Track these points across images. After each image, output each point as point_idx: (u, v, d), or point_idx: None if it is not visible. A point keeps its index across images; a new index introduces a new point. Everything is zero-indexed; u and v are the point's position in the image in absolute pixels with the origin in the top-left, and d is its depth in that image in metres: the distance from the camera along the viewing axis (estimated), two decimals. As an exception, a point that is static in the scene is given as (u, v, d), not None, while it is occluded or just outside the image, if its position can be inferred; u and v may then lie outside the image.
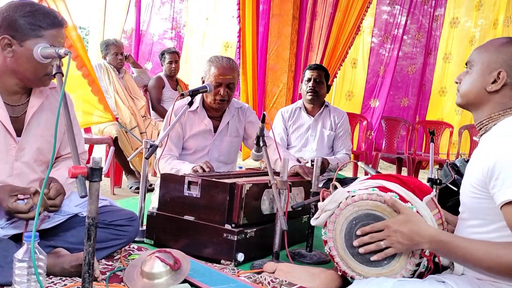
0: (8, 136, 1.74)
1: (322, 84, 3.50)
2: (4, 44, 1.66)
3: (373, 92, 6.36)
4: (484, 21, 6.05)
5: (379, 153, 5.77)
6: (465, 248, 1.33)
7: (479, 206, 1.39)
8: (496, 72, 1.43)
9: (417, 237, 1.41)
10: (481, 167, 1.35)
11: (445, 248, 1.38)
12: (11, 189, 1.64)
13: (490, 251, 1.29)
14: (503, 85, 1.42)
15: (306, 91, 3.47)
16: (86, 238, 1.25)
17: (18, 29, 1.64)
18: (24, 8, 1.67)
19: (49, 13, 1.70)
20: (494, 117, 1.44)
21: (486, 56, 1.46)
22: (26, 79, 1.74)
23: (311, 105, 3.54)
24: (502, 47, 1.45)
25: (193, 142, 2.79)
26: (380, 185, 1.59)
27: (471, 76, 1.49)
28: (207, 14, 6.67)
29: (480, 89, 1.46)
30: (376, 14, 6.34)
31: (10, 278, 1.44)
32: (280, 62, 5.18)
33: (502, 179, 1.28)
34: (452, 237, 1.40)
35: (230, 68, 2.69)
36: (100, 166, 1.23)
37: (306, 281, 1.77)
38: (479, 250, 1.30)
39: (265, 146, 2.18)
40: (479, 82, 1.46)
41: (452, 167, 3.70)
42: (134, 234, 2.02)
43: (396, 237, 1.45)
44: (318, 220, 1.66)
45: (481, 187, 1.36)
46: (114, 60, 4.47)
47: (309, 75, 3.47)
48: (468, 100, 1.50)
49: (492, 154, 1.32)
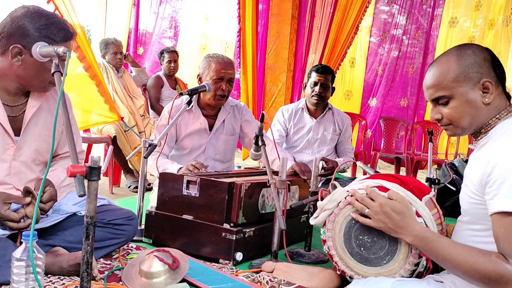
0: (6, 136, 1.75)
1: (329, 88, 3.44)
2: (14, 53, 1.67)
3: (371, 92, 6.37)
4: (483, 21, 6.05)
5: (378, 153, 5.77)
6: (447, 249, 1.35)
7: (479, 212, 1.39)
8: (480, 84, 1.40)
9: (402, 230, 1.45)
10: (478, 174, 1.34)
11: (427, 246, 1.40)
12: (6, 196, 1.64)
13: (469, 257, 1.30)
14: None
15: (312, 95, 3.40)
16: (85, 237, 1.25)
17: (30, 40, 1.65)
18: (40, 20, 1.67)
19: (63, 27, 1.71)
20: (492, 123, 1.43)
21: (455, 77, 1.41)
22: (30, 85, 1.77)
23: (314, 108, 3.50)
24: (462, 61, 1.41)
25: (188, 141, 2.79)
26: (379, 185, 1.59)
27: (457, 103, 1.42)
28: (206, 13, 6.67)
29: (477, 106, 1.41)
30: (374, 13, 6.34)
31: (8, 277, 1.44)
32: (279, 61, 5.18)
33: (495, 189, 1.28)
34: (437, 236, 1.41)
35: (230, 64, 2.72)
36: (98, 165, 1.23)
37: (304, 280, 1.77)
38: (460, 254, 1.32)
39: (264, 145, 2.18)
40: (471, 101, 1.41)
41: (451, 167, 3.71)
42: (133, 233, 2.02)
43: (383, 218, 1.47)
44: (317, 219, 1.66)
45: (480, 193, 1.36)
46: (113, 59, 4.47)
47: (316, 79, 3.38)
48: (466, 125, 1.44)
49: (488, 163, 1.31)
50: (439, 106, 1.47)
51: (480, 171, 1.33)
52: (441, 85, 1.43)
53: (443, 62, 1.46)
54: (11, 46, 1.66)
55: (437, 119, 1.48)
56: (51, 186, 1.74)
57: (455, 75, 1.41)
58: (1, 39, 1.69)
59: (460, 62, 1.42)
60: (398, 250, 1.52)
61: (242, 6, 4.84)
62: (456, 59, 1.43)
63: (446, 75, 1.42)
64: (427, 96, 1.50)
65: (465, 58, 1.42)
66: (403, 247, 1.51)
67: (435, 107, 1.48)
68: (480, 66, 1.41)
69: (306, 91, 3.48)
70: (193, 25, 6.73)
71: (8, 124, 1.74)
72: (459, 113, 1.43)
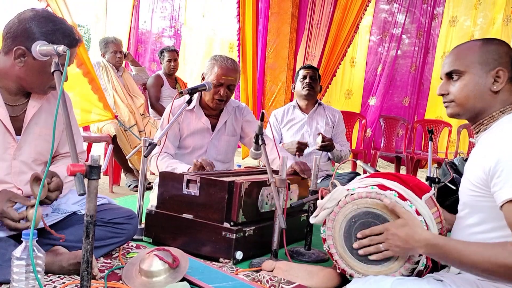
0: (7, 135, 1.75)
1: (317, 81, 3.62)
2: (18, 54, 1.67)
3: (371, 91, 6.36)
4: (483, 20, 6.05)
5: (378, 152, 5.77)
6: (461, 250, 1.32)
7: (479, 205, 1.39)
8: (494, 72, 1.44)
9: (412, 241, 1.42)
10: (482, 166, 1.35)
11: (440, 252, 1.37)
12: (13, 195, 1.64)
13: (485, 252, 1.27)
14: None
15: (302, 87, 3.56)
16: (85, 236, 1.25)
17: (35, 44, 1.65)
18: (47, 25, 1.67)
19: (69, 34, 1.71)
20: (495, 115, 1.45)
21: (475, 58, 1.46)
22: (30, 87, 1.77)
23: (306, 102, 3.62)
24: (485, 47, 1.47)
25: (190, 141, 2.79)
26: (379, 183, 1.59)
27: (467, 82, 1.47)
28: (205, 12, 6.67)
29: (484, 91, 1.45)
30: (374, 12, 6.34)
31: (8, 276, 1.44)
32: (279, 60, 5.18)
33: (504, 178, 1.28)
34: (447, 240, 1.39)
35: (233, 70, 2.70)
36: (98, 164, 1.23)
37: (304, 279, 1.77)
38: (475, 252, 1.29)
39: (264, 144, 2.18)
40: (480, 85, 1.45)
41: (451, 166, 3.70)
42: (133, 232, 2.02)
43: (394, 241, 1.46)
44: (317, 218, 1.66)
45: (482, 185, 1.36)
46: (113, 58, 4.47)
47: (304, 73, 3.59)
48: (469, 106, 1.48)
49: (494, 153, 1.31)
50: (450, 82, 1.51)
51: (485, 163, 1.33)
52: (459, 59, 1.49)
53: (468, 44, 1.53)
54: (15, 47, 1.66)
55: (442, 94, 1.53)
56: (58, 177, 1.74)
57: (476, 56, 1.47)
58: (6, 39, 1.69)
59: (483, 47, 1.48)
60: None
61: (241, 5, 4.84)
62: (481, 44, 1.49)
63: (467, 53, 1.49)
64: (442, 70, 1.55)
65: (489, 45, 1.48)
66: None
67: (446, 82, 1.53)
68: (500, 56, 1.46)
69: (296, 88, 3.64)
70: (192, 24, 6.72)
71: (10, 123, 1.74)
72: (466, 92, 1.47)
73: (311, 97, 3.59)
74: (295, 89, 3.67)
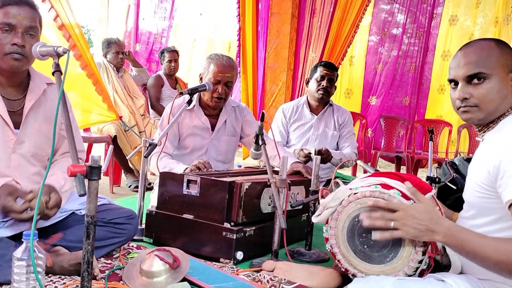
0: (6, 128, 1.77)
1: (334, 84, 3.44)
2: None
3: (371, 91, 6.36)
4: (483, 19, 6.04)
5: (378, 152, 5.77)
6: (476, 242, 1.33)
7: (487, 206, 1.39)
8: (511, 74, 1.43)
9: (435, 225, 1.37)
10: (487, 166, 1.34)
11: (457, 241, 1.35)
12: (13, 190, 1.66)
13: (499, 246, 1.29)
14: None
15: (317, 89, 3.38)
16: (85, 236, 1.25)
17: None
18: None
19: None
20: (507, 113, 1.43)
21: (497, 60, 1.42)
22: None
23: (317, 104, 3.49)
24: (501, 49, 1.44)
25: (190, 141, 2.79)
26: (382, 183, 1.58)
27: (494, 85, 1.41)
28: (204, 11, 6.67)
29: (505, 96, 1.42)
30: (374, 12, 6.33)
31: (9, 276, 1.44)
32: (279, 60, 5.18)
33: (508, 178, 1.28)
34: (464, 230, 1.38)
35: (229, 67, 2.69)
36: (99, 165, 1.23)
37: (305, 279, 1.77)
38: (490, 245, 1.30)
39: (264, 144, 2.18)
40: (503, 88, 1.42)
41: (451, 165, 3.69)
42: (133, 233, 2.02)
43: (411, 222, 1.39)
44: (320, 217, 1.65)
45: (489, 186, 1.36)
46: (115, 58, 4.47)
47: (323, 73, 3.37)
48: (491, 110, 1.43)
49: (498, 152, 1.31)
50: (470, 86, 1.43)
51: (490, 163, 1.33)
52: (482, 62, 1.42)
53: (483, 44, 1.46)
54: None
55: (465, 99, 1.44)
56: (56, 193, 1.74)
57: (498, 57, 1.42)
58: None
59: (501, 48, 1.44)
60: (402, 248, 1.51)
61: (242, 5, 4.84)
62: (496, 45, 1.45)
63: (490, 54, 1.43)
64: (461, 72, 1.45)
65: (504, 46, 1.45)
66: (407, 244, 1.50)
67: (466, 85, 1.44)
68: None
69: (310, 86, 3.45)
70: (191, 24, 6.72)
71: (8, 116, 1.76)
72: (491, 95, 1.41)
73: (324, 100, 3.45)
74: (308, 86, 3.49)
